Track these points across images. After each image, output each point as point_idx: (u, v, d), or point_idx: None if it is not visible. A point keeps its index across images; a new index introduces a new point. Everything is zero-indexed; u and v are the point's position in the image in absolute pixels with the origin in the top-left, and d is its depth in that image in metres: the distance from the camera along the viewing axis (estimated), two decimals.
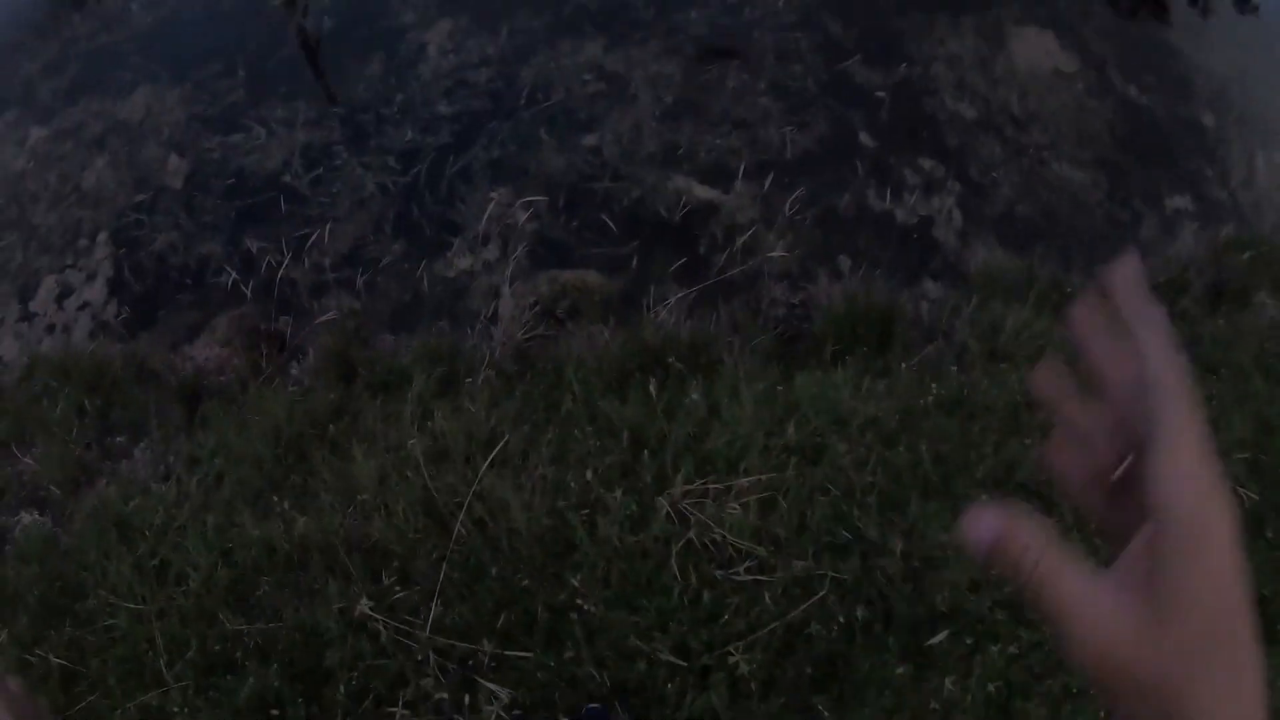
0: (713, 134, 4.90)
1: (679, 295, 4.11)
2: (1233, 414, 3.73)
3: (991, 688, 2.89)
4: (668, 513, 3.02)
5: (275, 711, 2.86)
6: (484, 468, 3.08)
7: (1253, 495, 3.41)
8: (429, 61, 5.31)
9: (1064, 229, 4.76)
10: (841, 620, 2.91)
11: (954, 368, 3.76)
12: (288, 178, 4.91)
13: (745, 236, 4.38)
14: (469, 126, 4.99)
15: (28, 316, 4.92)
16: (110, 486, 3.68)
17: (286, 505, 3.23)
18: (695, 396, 3.45)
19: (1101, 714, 3.06)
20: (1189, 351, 4.01)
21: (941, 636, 2.82)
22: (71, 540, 3.56)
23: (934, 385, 3.60)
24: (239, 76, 5.45)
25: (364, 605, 2.92)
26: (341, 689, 2.89)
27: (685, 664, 2.87)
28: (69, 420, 4.04)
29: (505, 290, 4.34)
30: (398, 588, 2.99)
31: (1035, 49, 5.36)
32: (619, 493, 3.04)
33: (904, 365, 3.72)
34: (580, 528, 3.05)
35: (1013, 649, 2.92)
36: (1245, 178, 5.16)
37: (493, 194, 4.67)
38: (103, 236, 5.03)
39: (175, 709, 2.97)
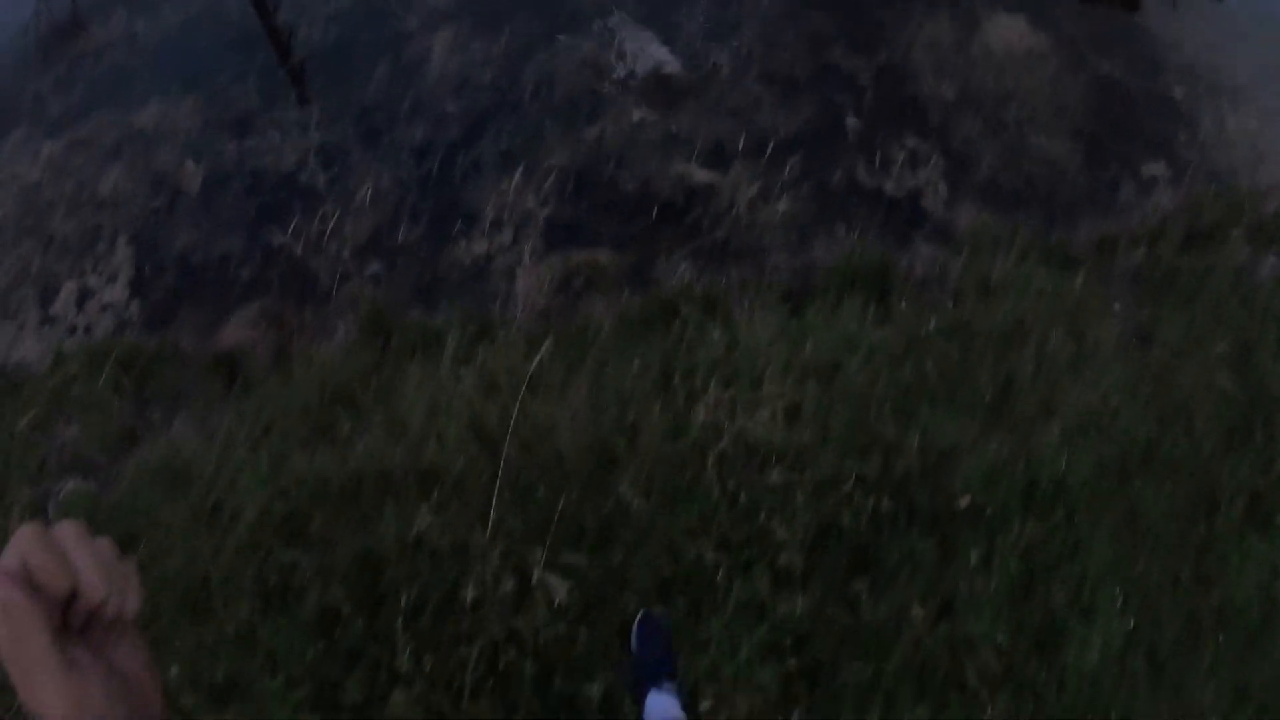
0: (709, 121, 5.36)
1: (689, 249, 4.53)
2: (1214, 335, 4.16)
3: (1013, 566, 3.25)
4: (702, 422, 3.38)
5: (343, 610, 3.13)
6: (525, 388, 3.43)
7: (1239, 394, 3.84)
8: (434, 64, 5.77)
9: (1045, 195, 5.23)
10: (870, 508, 3.26)
11: (950, 303, 4.18)
12: (304, 176, 5.30)
13: (745, 206, 4.83)
14: (477, 122, 5.42)
15: (48, 320, 5.21)
16: (158, 445, 3.98)
17: (347, 429, 3.54)
18: (716, 334, 3.84)
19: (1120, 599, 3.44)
20: (1168, 289, 4.46)
21: (965, 501, 3.18)
22: (121, 495, 3.83)
23: (933, 318, 4.02)
24: (250, 85, 5.87)
25: (423, 519, 3.23)
26: (403, 599, 3.18)
27: (729, 559, 3.20)
28: (107, 397, 4.34)
29: (523, 266, 4.73)
30: (454, 502, 3.31)
31: (1008, 32, 5.91)
32: (656, 405, 3.41)
33: (903, 303, 4.13)
34: (622, 443, 3.40)
35: (1029, 527, 3.30)
36: (1217, 141, 5.67)
37: (503, 183, 5.09)
38: (122, 240, 5.37)
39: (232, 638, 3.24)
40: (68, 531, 0.70)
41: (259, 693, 3.10)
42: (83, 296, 5.24)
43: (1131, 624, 3.40)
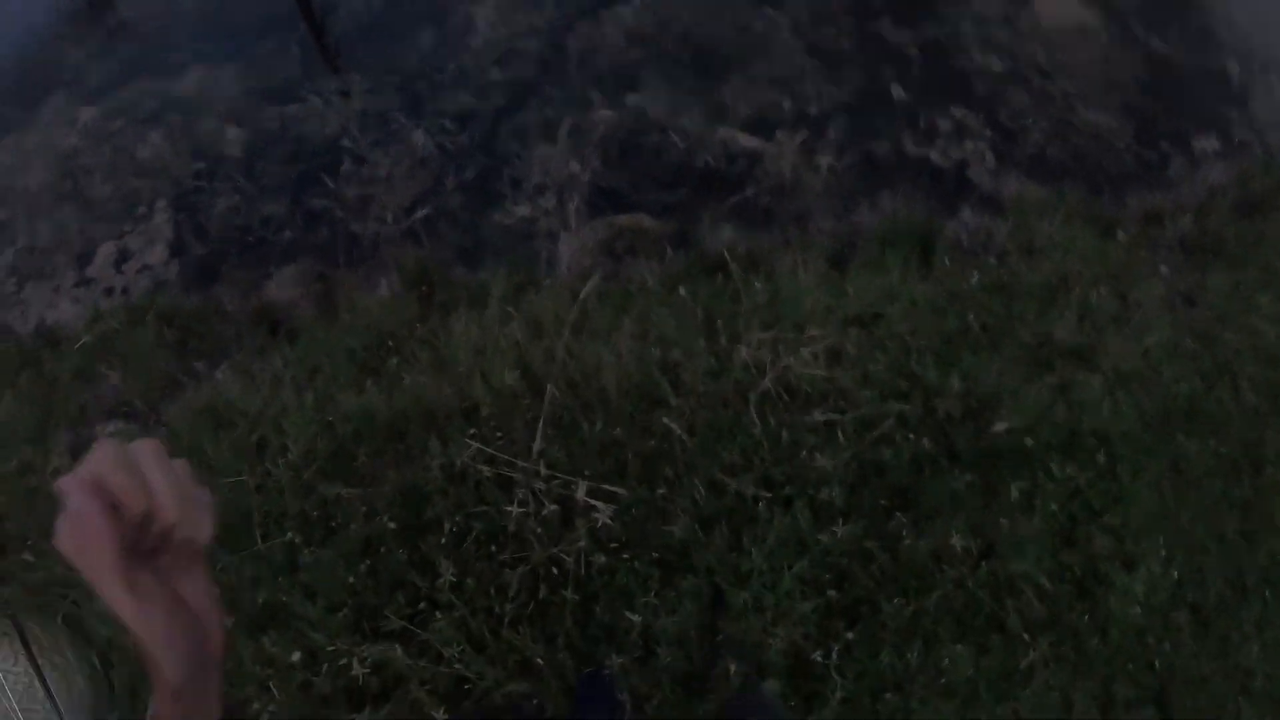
0: (753, 89, 5.61)
1: (733, 213, 4.77)
2: (1260, 297, 4.32)
3: (1055, 508, 3.42)
4: (744, 363, 3.59)
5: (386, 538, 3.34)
6: (570, 330, 3.66)
7: None
8: (478, 33, 6.05)
9: (1092, 168, 5.41)
10: (911, 448, 3.45)
11: (993, 260, 4.38)
12: (347, 142, 5.56)
13: (789, 172, 5.06)
14: (521, 90, 5.68)
15: (84, 281, 5.47)
16: (201, 390, 4.21)
17: (394, 364, 3.78)
18: (759, 285, 4.05)
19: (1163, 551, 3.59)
20: (1215, 255, 4.63)
21: (1002, 427, 3.36)
22: (164, 438, 4.05)
23: (976, 274, 4.21)
24: (292, 53, 6.16)
25: (469, 452, 3.45)
26: (447, 526, 3.39)
27: (770, 495, 3.40)
28: (149, 346, 4.58)
29: (567, 229, 4.98)
30: (499, 434, 3.53)
31: (1058, 6, 6.13)
32: (702, 341, 3.62)
33: (946, 260, 4.33)
34: (665, 381, 3.61)
35: (1070, 471, 3.47)
36: (1272, 120, 5.85)
37: (546, 149, 5.34)
38: (161, 204, 5.64)
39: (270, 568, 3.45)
40: (146, 450, 0.70)
41: (298, 617, 3.30)
42: (120, 259, 5.50)
43: (1175, 576, 3.55)
